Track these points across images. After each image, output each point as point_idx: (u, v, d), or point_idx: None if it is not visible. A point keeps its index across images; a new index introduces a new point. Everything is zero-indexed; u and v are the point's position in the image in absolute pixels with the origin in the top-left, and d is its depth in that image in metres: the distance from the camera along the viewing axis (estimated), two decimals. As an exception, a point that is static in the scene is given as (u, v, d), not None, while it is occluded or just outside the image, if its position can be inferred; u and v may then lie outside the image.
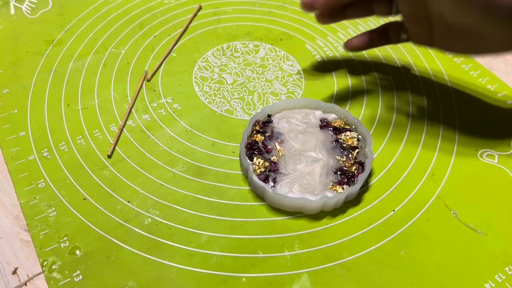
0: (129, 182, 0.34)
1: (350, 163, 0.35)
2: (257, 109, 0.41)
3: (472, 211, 0.34)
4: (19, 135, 0.37)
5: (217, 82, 0.43)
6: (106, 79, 0.42)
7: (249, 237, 0.32)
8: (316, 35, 0.48)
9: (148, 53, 0.45)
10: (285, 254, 0.31)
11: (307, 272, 0.30)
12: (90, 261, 0.30)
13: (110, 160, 0.36)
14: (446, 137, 0.39)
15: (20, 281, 0.29)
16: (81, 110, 0.39)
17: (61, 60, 0.44)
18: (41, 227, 0.31)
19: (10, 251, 0.30)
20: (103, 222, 0.32)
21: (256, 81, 0.43)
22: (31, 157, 0.36)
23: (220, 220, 0.33)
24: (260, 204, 0.34)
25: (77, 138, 0.37)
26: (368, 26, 0.49)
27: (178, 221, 0.32)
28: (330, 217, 0.33)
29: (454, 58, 0.46)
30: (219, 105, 0.41)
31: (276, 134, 0.37)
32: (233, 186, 0.35)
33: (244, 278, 0.30)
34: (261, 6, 0.51)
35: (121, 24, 0.48)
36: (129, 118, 0.39)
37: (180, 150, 0.37)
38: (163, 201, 0.33)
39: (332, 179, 0.34)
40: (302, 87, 0.43)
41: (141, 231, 0.32)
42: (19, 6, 0.49)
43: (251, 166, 0.34)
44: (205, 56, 0.45)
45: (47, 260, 0.30)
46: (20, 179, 0.34)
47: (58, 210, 0.32)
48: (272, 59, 0.45)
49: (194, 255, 0.31)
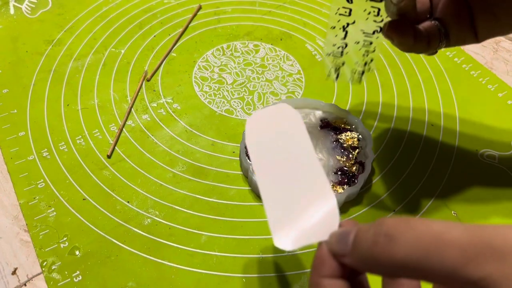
0: (129, 182, 0.34)
1: (351, 163, 0.35)
2: (257, 109, 0.40)
3: (472, 211, 0.34)
4: (18, 135, 0.37)
5: (217, 82, 0.43)
6: (106, 79, 0.42)
7: (249, 237, 0.32)
8: (316, 35, 0.48)
9: (148, 53, 0.45)
10: (285, 254, 0.31)
11: (307, 272, 0.30)
12: (89, 261, 0.30)
13: (109, 160, 0.36)
14: (446, 137, 0.39)
15: (20, 281, 0.29)
16: (80, 110, 0.39)
17: (60, 60, 0.44)
18: (40, 227, 0.31)
19: (10, 251, 0.30)
20: (102, 222, 0.32)
21: (256, 81, 0.43)
22: (30, 157, 0.35)
23: (220, 220, 0.33)
24: (260, 204, 0.34)
25: (76, 138, 0.37)
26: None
27: (178, 221, 0.32)
28: (330, 217, 0.33)
29: (455, 58, 0.46)
30: (219, 105, 0.41)
31: (276, 134, 0.36)
32: (233, 186, 0.35)
33: (244, 278, 0.30)
34: (261, 6, 0.51)
35: (121, 24, 0.48)
36: (129, 118, 0.39)
37: (180, 150, 0.37)
38: (163, 201, 0.33)
39: (333, 179, 0.34)
40: (302, 87, 0.43)
41: (140, 231, 0.32)
42: (19, 6, 0.49)
43: (251, 166, 0.34)
44: (205, 56, 0.45)
45: (46, 261, 0.30)
46: (20, 179, 0.34)
47: (57, 210, 0.32)
48: (272, 59, 0.45)
49: (194, 255, 0.31)
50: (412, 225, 0.16)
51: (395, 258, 0.16)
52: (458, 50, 0.47)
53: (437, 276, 0.15)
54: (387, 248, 0.16)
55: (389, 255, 0.16)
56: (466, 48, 0.47)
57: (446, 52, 0.46)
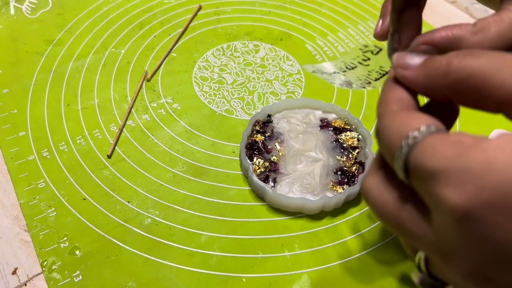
0: (129, 182, 0.34)
1: (350, 163, 0.35)
2: (257, 109, 0.40)
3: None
4: (18, 135, 0.37)
5: (217, 82, 0.43)
6: (106, 79, 0.42)
7: (249, 237, 0.32)
8: (316, 35, 0.48)
9: (148, 53, 0.45)
10: (285, 254, 0.31)
11: (307, 272, 0.30)
12: (90, 261, 0.30)
13: (110, 160, 0.36)
14: (446, 137, 0.39)
15: (20, 281, 0.29)
16: (81, 110, 0.39)
17: (61, 60, 0.44)
18: (41, 227, 0.31)
19: (10, 251, 0.30)
20: (103, 222, 0.32)
21: (256, 81, 0.43)
22: (30, 157, 0.35)
23: (220, 220, 0.33)
24: (260, 204, 0.34)
25: (77, 138, 0.37)
26: (368, 26, 0.49)
27: (178, 221, 0.32)
28: (330, 217, 0.33)
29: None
30: (219, 105, 0.41)
31: (276, 134, 0.36)
32: (233, 186, 0.35)
33: (244, 278, 0.30)
34: (261, 6, 0.51)
35: (121, 24, 0.48)
36: (129, 118, 0.39)
37: (180, 150, 0.37)
38: (163, 201, 0.33)
39: (332, 179, 0.34)
40: (302, 87, 0.43)
41: (141, 231, 0.32)
42: (19, 6, 0.49)
43: (251, 166, 0.34)
44: (205, 56, 0.45)
45: (47, 260, 0.30)
46: (20, 179, 0.34)
47: (58, 210, 0.32)
48: (272, 59, 0.45)
49: (194, 255, 0.31)
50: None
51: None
52: (458, 50, 0.47)
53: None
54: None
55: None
56: (466, 48, 0.47)
57: (446, 52, 0.46)
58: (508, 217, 0.13)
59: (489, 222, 0.14)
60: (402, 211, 0.17)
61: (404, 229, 0.17)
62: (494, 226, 0.13)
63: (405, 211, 0.17)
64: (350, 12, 0.51)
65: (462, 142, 0.15)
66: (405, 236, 0.17)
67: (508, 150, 0.14)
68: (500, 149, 0.14)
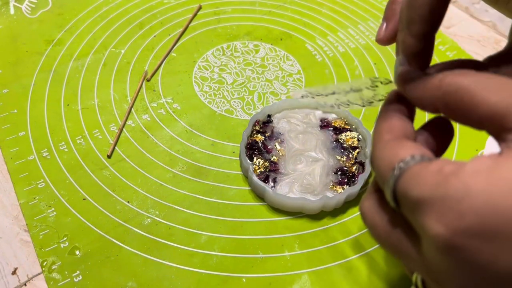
0: (129, 182, 0.34)
1: (351, 163, 0.35)
2: (257, 109, 0.40)
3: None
4: (18, 135, 0.37)
5: (217, 82, 0.43)
6: (106, 79, 0.42)
7: (249, 237, 0.32)
8: (316, 35, 0.48)
9: (148, 53, 0.45)
10: (285, 254, 0.31)
11: (307, 272, 0.30)
12: (89, 261, 0.30)
13: (109, 160, 0.36)
14: (446, 137, 0.39)
15: (20, 281, 0.29)
16: (80, 110, 0.39)
17: (60, 60, 0.44)
18: (40, 227, 0.31)
19: (10, 251, 0.30)
20: (102, 222, 0.32)
21: (256, 81, 0.43)
22: (30, 157, 0.35)
23: (220, 220, 0.33)
24: (260, 204, 0.34)
25: (76, 138, 0.37)
26: (369, 26, 0.49)
27: (178, 221, 0.32)
28: (330, 217, 0.33)
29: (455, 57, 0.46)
30: (219, 105, 0.41)
31: (276, 134, 0.36)
32: (233, 186, 0.35)
33: (244, 279, 0.30)
34: (261, 6, 0.51)
35: (121, 24, 0.48)
36: (129, 118, 0.39)
37: (180, 150, 0.37)
38: (163, 201, 0.33)
39: (332, 179, 0.34)
40: (302, 87, 0.43)
41: (140, 231, 0.32)
42: (19, 6, 0.49)
43: (251, 166, 0.34)
44: (205, 56, 0.45)
45: (46, 260, 0.30)
46: (20, 179, 0.34)
47: (57, 210, 0.32)
48: (272, 59, 0.45)
49: (194, 255, 0.31)
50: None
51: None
52: (458, 50, 0.47)
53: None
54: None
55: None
56: (466, 48, 0.47)
57: (446, 52, 0.46)
58: (488, 241, 0.14)
59: (471, 248, 0.14)
60: (392, 234, 0.18)
61: (396, 251, 0.18)
62: (475, 252, 0.14)
63: (394, 234, 0.18)
64: (350, 12, 0.51)
65: (442, 170, 0.15)
66: (398, 258, 0.18)
67: (484, 173, 0.14)
68: (476, 173, 0.14)
